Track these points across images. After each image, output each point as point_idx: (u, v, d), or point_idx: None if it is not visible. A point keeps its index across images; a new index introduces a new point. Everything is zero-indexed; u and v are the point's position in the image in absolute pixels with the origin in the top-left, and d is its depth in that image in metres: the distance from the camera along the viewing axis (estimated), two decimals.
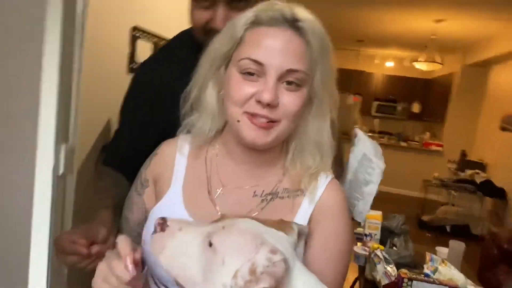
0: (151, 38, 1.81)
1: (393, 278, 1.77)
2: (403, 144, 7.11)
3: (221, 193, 0.77)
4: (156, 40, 1.83)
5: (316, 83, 0.73)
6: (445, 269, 1.91)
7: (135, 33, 1.72)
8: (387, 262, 1.86)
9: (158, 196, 0.80)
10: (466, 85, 6.28)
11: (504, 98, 5.14)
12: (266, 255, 0.53)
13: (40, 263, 1.04)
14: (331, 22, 4.83)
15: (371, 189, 0.98)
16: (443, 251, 2.22)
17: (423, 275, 1.87)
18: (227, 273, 0.53)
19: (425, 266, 1.95)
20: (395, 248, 2.15)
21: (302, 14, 0.71)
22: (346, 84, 7.14)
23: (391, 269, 1.81)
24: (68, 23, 1.12)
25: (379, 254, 1.93)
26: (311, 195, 0.76)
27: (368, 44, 6.63)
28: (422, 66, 5.58)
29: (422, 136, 7.29)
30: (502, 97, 5.24)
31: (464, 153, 5.90)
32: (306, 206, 0.75)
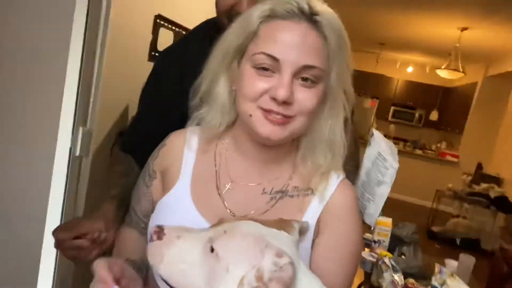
0: (173, 27, 1.81)
1: (400, 287, 1.75)
2: (418, 152, 7.02)
3: (229, 188, 0.75)
4: (178, 29, 1.83)
5: (332, 80, 0.71)
6: (454, 283, 1.88)
7: (158, 21, 1.72)
8: (394, 271, 1.83)
9: (165, 188, 0.79)
10: (487, 96, 6.16)
11: None
12: (272, 259, 0.51)
13: (53, 238, 1.07)
14: (352, 23, 4.80)
15: (383, 190, 0.96)
16: (452, 264, 2.18)
17: (430, 287, 1.84)
18: (232, 279, 0.51)
19: (433, 278, 1.92)
20: (403, 257, 2.12)
21: (320, 8, 0.68)
22: (364, 87, 7.07)
23: (398, 278, 1.78)
24: (93, 9, 1.14)
25: (387, 261, 1.91)
26: (321, 194, 0.74)
27: (389, 48, 6.53)
28: (444, 74, 5.48)
29: (438, 145, 7.18)
30: None
31: (480, 166, 5.79)
32: (316, 206, 0.74)
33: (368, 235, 2.40)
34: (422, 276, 1.96)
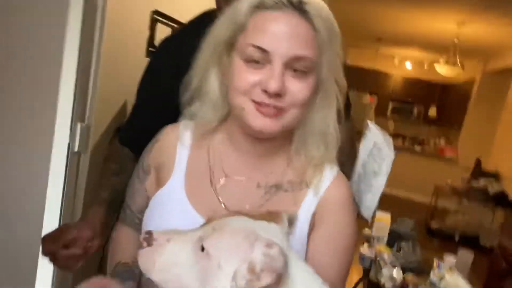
0: (170, 23, 1.80)
1: (398, 282, 1.75)
2: (417, 148, 7.02)
3: (224, 183, 0.75)
4: (175, 25, 1.83)
5: (323, 71, 0.70)
6: (452, 277, 1.89)
7: (155, 17, 1.71)
8: (393, 266, 1.84)
9: (159, 183, 0.79)
10: (486, 92, 6.15)
11: None
12: (262, 250, 0.52)
13: (53, 226, 1.07)
14: (350, 19, 4.79)
15: (379, 181, 0.94)
16: (451, 259, 2.19)
17: (429, 282, 1.85)
18: (225, 276, 0.51)
19: (431, 273, 1.93)
20: (402, 252, 2.13)
21: None
22: (363, 83, 7.05)
23: (396, 273, 1.79)
24: (89, 4, 1.13)
25: (385, 257, 1.91)
26: (316, 188, 0.74)
27: (388, 43, 6.51)
28: (442, 69, 5.47)
29: (437, 141, 7.18)
30: None
31: (479, 162, 5.79)
32: (310, 200, 0.74)
33: (367, 231, 2.40)
34: (421, 271, 1.96)
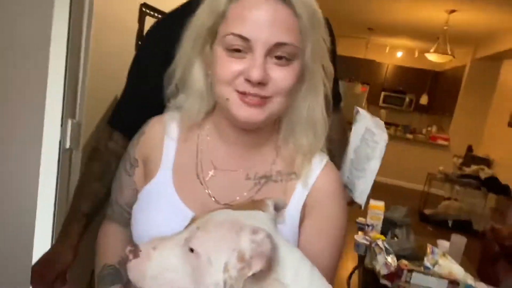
0: (160, 16, 1.78)
1: (393, 268, 1.78)
2: (409, 136, 7.07)
3: (213, 175, 0.74)
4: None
5: (307, 57, 0.69)
6: (446, 262, 1.92)
7: (144, 10, 1.69)
8: (387, 253, 1.86)
9: (147, 176, 0.77)
10: (476, 79, 6.20)
11: None
12: (249, 237, 0.52)
13: (45, 229, 1.06)
14: (340, 8, 4.77)
15: (373, 165, 0.94)
16: (444, 244, 2.22)
17: (423, 267, 1.87)
18: (216, 270, 0.52)
19: (425, 258, 1.95)
20: (396, 239, 2.15)
21: None
22: (355, 72, 7.07)
23: (391, 259, 1.81)
24: None
25: (380, 244, 1.93)
26: (305, 178, 0.73)
27: (378, 33, 6.52)
28: (433, 57, 5.49)
29: (429, 129, 7.23)
30: None
31: (470, 148, 5.86)
32: (300, 191, 0.73)
33: (361, 219, 2.42)
34: (415, 257, 1.99)
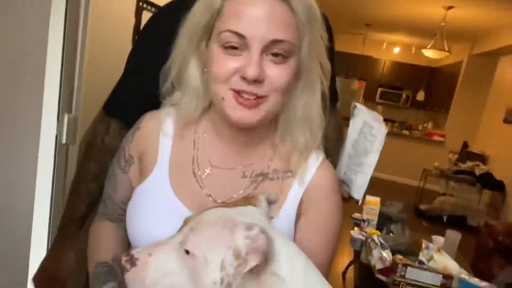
0: (156, 10, 1.78)
1: (388, 263, 1.79)
2: (406, 132, 7.10)
3: (209, 173, 0.74)
4: None
5: (304, 54, 0.68)
6: (440, 257, 1.93)
7: (141, 4, 1.68)
8: (383, 248, 1.87)
9: (142, 173, 0.76)
10: (473, 75, 6.22)
11: (510, 90, 5.09)
12: (243, 234, 0.52)
13: (42, 225, 1.06)
14: (338, 4, 4.76)
15: (371, 159, 0.93)
16: (439, 240, 2.24)
17: (418, 262, 1.89)
18: (214, 269, 0.52)
19: (420, 254, 1.97)
20: (391, 234, 2.17)
21: None
22: (351, 68, 7.07)
23: (386, 254, 1.82)
24: None
25: (375, 239, 1.95)
26: (301, 176, 0.73)
27: (376, 29, 6.52)
28: (430, 53, 5.51)
29: (425, 125, 7.26)
30: (508, 89, 5.19)
31: (465, 144, 5.89)
32: (296, 190, 0.73)
33: (357, 215, 2.44)
34: (410, 252, 2.00)
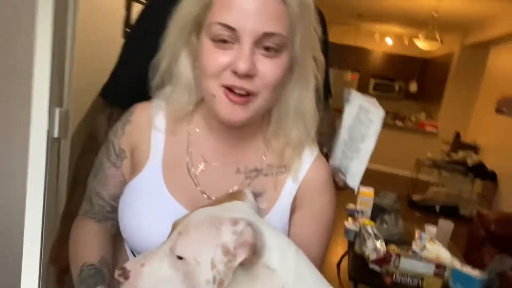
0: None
1: (381, 253, 1.81)
2: (399, 123, 7.13)
3: (203, 169, 0.73)
4: None
5: (297, 47, 0.66)
6: (433, 247, 1.96)
7: None
8: (376, 238, 1.89)
9: (134, 168, 0.74)
10: (465, 66, 6.24)
11: (502, 80, 5.12)
12: (229, 229, 0.53)
13: (35, 221, 1.04)
14: None
15: (368, 144, 0.91)
16: (432, 229, 2.26)
17: (411, 252, 1.91)
18: (205, 268, 0.52)
19: (413, 243, 1.99)
20: (385, 225, 2.19)
21: None
22: (344, 60, 7.07)
23: (380, 245, 1.84)
24: None
25: (369, 230, 1.96)
26: (295, 172, 0.73)
27: (368, 19, 6.51)
28: (422, 44, 5.52)
29: (418, 116, 7.30)
30: (499, 79, 5.22)
31: (458, 135, 5.93)
32: (290, 185, 0.73)
33: (351, 206, 2.45)
34: (403, 242, 2.02)
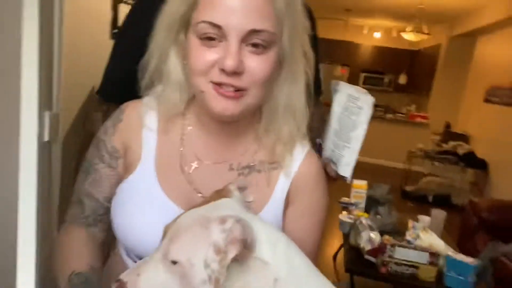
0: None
1: (376, 244, 1.83)
2: (390, 116, 7.17)
3: (196, 167, 0.73)
4: None
5: (285, 43, 0.66)
6: (426, 236, 1.98)
7: None
8: (371, 229, 1.91)
9: (126, 168, 0.74)
10: (452, 56, 6.30)
11: (489, 69, 5.18)
12: (218, 228, 0.53)
13: (28, 227, 1.04)
14: None
15: (358, 132, 0.90)
16: (425, 219, 2.29)
17: (405, 242, 1.93)
18: (199, 269, 0.53)
19: (407, 233, 2.01)
20: (379, 216, 2.21)
21: None
22: (334, 55, 7.09)
23: (374, 235, 1.86)
24: None
25: (363, 221, 1.98)
26: (288, 168, 0.74)
27: (356, 14, 6.54)
28: (409, 36, 5.56)
29: (408, 108, 7.35)
30: (487, 68, 5.28)
31: (448, 125, 5.99)
32: (283, 181, 0.74)
33: (345, 199, 2.47)
34: (397, 232, 2.05)
